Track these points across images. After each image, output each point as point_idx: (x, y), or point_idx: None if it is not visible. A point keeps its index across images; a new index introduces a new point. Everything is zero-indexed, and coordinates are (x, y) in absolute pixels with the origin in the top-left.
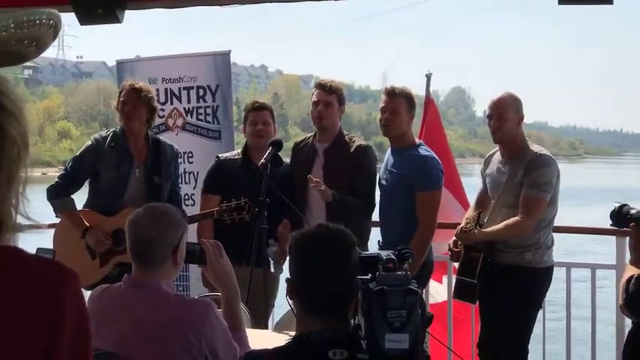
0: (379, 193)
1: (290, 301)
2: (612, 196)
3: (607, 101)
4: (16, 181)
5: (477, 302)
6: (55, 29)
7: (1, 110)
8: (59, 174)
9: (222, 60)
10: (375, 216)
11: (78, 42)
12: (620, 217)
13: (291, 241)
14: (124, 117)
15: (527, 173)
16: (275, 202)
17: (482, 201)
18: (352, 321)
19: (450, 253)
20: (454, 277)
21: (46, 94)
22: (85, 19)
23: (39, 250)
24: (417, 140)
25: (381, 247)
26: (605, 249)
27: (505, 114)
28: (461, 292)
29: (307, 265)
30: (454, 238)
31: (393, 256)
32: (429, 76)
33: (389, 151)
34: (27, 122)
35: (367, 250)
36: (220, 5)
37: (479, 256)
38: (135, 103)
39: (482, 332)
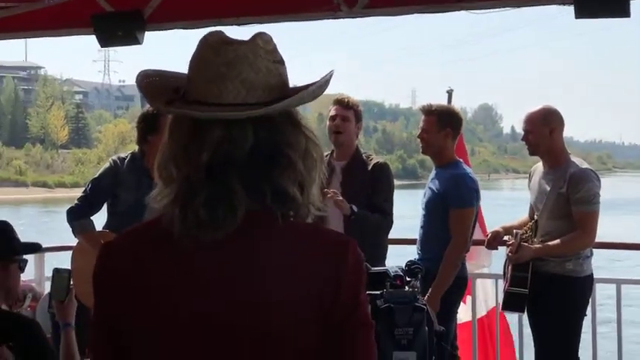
0: (420, 210)
1: None
2: None
3: (631, 115)
4: (316, 183)
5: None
6: (328, 82)
7: (308, 139)
8: (79, 196)
9: None
10: (413, 233)
11: (122, 67)
12: None
13: None
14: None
15: (573, 189)
16: None
17: (532, 214)
18: None
19: (487, 242)
20: (478, 299)
21: (104, 119)
22: (105, 41)
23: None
24: (457, 158)
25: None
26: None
27: (530, 127)
28: (511, 303)
29: None
30: (509, 239)
31: (401, 273)
32: (450, 92)
33: (434, 168)
34: (320, 145)
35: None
36: (239, 25)
37: (528, 266)
38: None
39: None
